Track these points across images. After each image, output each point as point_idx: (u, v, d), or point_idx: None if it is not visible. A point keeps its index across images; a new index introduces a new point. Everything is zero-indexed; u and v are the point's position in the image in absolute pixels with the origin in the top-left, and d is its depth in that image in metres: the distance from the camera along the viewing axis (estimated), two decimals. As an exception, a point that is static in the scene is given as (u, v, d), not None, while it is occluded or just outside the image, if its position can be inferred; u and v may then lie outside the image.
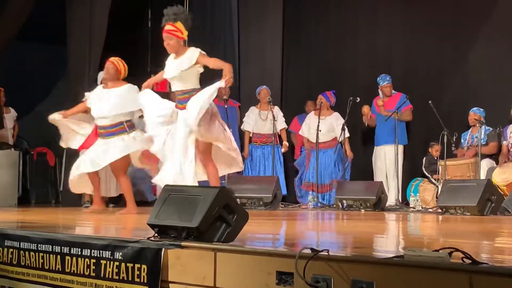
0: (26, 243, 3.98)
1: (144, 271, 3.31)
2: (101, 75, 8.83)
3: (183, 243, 3.23)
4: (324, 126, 9.26)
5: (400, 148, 8.97)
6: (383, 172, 9.19)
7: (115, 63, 7.20)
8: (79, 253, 3.65)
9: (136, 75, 11.48)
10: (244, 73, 10.64)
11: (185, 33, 6.03)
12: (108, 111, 7.07)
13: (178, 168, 5.85)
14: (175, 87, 6.06)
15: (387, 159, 9.16)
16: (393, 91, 9.33)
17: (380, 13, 10.03)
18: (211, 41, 11.03)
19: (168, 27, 6.00)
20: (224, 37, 10.92)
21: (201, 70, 6.07)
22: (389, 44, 9.96)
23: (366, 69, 10.08)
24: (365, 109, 9.31)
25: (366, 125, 9.45)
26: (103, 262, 3.52)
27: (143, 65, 11.38)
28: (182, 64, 5.94)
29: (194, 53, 5.95)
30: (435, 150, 8.95)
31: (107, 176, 8.65)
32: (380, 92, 9.37)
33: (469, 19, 9.14)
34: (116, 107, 7.06)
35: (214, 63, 6.01)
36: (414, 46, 9.62)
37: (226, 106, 9.29)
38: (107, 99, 7.10)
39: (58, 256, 3.77)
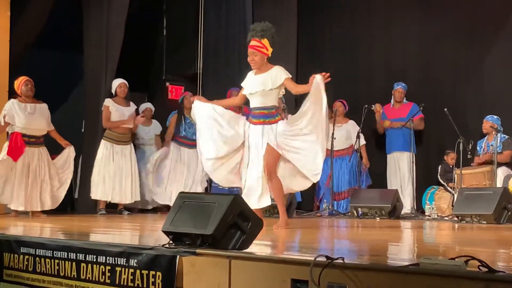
0: (41, 250, 4.00)
1: (159, 278, 3.32)
2: (115, 83, 8.88)
3: (197, 250, 3.23)
4: (341, 133, 9.22)
5: (411, 156, 8.91)
6: (396, 180, 9.15)
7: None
8: (95, 260, 3.67)
9: (152, 83, 11.58)
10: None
11: (270, 50, 5.97)
12: None
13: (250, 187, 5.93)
14: (254, 103, 5.99)
15: (399, 167, 9.13)
16: (405, 101, 9.30)
17: (395, 21, 9.99)
18: (226, 45, 11.05)
19: (254, 42, 5.93)
20: (238, 42, 10.94)
21: (283, 92, 6.07)
22: (405, 52, 9.92)
23: (381, 77, 10.04)
24: (377, 106, 9.30)
25: (378, 129, 9.43)
26: (118, 269, 3.53)
27: (158, 73, 11.42)
28: (265, 84, 5.89)
29: (280, 75, 5.89)
30: (450, 158, 8.89)
31: (122, 182, 8.68)
32: (392, 99, 9.35)
33: (485, 27, 9.08)
34: None
35: (297, 89, 5.97)
36: (429, 54, 9.57)
37: (241, 114, 9.28)
38: None
39: (74, 263, 3.78)
